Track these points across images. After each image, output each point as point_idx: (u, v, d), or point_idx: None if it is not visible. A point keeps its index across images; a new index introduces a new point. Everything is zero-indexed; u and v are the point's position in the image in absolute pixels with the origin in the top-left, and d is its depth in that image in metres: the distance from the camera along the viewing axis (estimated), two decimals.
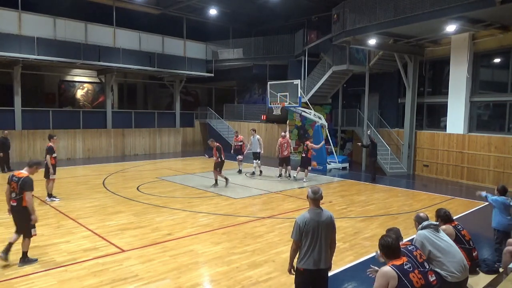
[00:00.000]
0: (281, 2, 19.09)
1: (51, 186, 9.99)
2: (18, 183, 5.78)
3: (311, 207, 4.11)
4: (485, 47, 13.81)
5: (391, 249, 3.73)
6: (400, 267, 3.60)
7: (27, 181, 5.81)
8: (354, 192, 12.01)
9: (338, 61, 17.49)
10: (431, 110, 16.60)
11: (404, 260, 3.73)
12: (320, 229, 4.00)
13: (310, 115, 17.32)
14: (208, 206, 9.80)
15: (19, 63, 16.74)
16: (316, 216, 4.02)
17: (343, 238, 7.45)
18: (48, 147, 9.88)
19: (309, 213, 4.05)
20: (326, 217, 4.07)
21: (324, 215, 4.08)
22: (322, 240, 4.01)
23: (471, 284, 4.82)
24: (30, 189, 5.78)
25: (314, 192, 4.10)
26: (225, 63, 22.91)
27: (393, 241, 3.76)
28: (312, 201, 4.11)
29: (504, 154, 12.94)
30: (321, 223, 4.01)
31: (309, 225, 3.98)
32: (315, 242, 3.99)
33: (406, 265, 3.65)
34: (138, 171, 15.45)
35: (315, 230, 3.99)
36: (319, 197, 4.08)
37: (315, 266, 4.00)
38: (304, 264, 4.02)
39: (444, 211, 5.40)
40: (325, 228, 4.04)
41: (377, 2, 13.03)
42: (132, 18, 20.41)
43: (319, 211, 4.07)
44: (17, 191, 5.80)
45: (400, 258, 3.72)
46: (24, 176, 5.86)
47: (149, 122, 22.36)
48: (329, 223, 4.08)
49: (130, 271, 5.70)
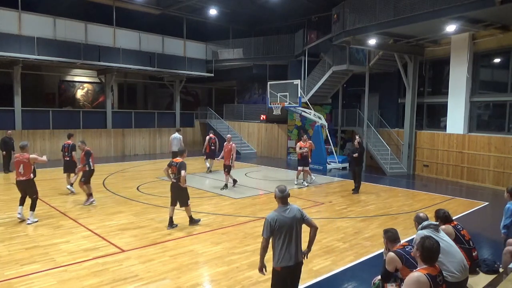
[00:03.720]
0: (281, 2, 19.08)
1: (74, 179, 11.02)
2: (177, 167, 7.73)
3: (279, 205, 4.18)
4: (485, 47, 13.80)
5: (433, 254, 3.38)
6: (434, 279, 3.23)
7: (182, 164, 7.76)
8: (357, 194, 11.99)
9: (338, 61, 17.49)
10: (431, 110, 16.60)
11: (438, 270, 3.40)
12: (292, 225, 4.09)
13: (310, 115, 17.33)
14: (208, 206, 9.80)
15: (19, 63, 16.74)
16: (285, 213, 4.11)
17: (343, 238, 7.46)
18: (72, 145, 10.97)
19: (278, 211, 4.13)
20: (295, 212, 4.14)
21: (292, 210, 4.15)
22: (294, 234, 4.10)
23: (471, 284, 4.82)
24: (184, 168, 7.74)
25: (281, 191, 4.17)
26: (225, 63, 22.90)
27: (437, 246, 3.41)
28: (280, 200, 4.18)
29: (504, 154, 12.93)
30: (292, 219, 4.10)
31: (279, 223, 4.05)
32: (289, 238, 4.07)
33: (438, 277, 3.31)
34: (138, 171, 15.45)
35: (286, 227, 4.07)
36: (286, 195, 4.17)
37: (292, 261, 4.08)
38: (281, 262, 4.07)
39: (443, 211, 5.39)
40: (296, 223, 4.11)
41: (377, 2, 13.03)
42: (132, 18, 20.40)
43: (287, 208, 4.14)
44: (175, 173, 7.77)
45: (435, 267, 3.38)
46: (179, 162, 7.82)
47: (149, 122, 22.36)
48: (298, 217, 4.14)
49: (130, 271, 5.70)
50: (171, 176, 7.94)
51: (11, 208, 9.06)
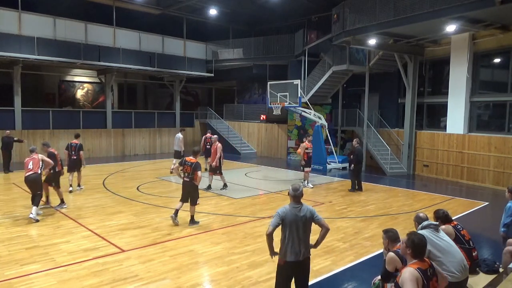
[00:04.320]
0: (281, 2, 19.08)
1: (79, 177, 11.46)
2: (191, 166, 7.88)
3: (291, 202, 4.24)
4: (485, 47, 13.80)
5: (423, 248, 3.58)
6: (425, 272, 3.43)
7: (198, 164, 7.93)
8: (354, 192, 12.00)
9: (338, 61, 17.48)
10: (431, 110, 16.60)
11: (429, 264, 3.57)
12: (299, 223, 4.13)
13: (310, 115, 17.32)
14: (208, 206, 9.80)
15: (19, 63, 16.74)
16: (295, 211, 4.15)
17: (343, 238, 7.46)
18: (79, 145, 11.33)
19: (290, 206, 4.20)
20: (305, 212, 4.17)
21: (304, 210, 4.18)
22: (301, 234, 4.14)
23: (471, 284, 4.82)
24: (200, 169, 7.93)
25: (294, 189, 4.23)
26: (225, 63, 22.90)
27: (425, 239, 3.63)
28: (292, 198, 4.24)
29: (504, 154, 12.93)
30: (300, 218, 4.13)
31: (288, 219, 4.12)
32: (296, 235, 4.13)
33: (429, 271, 3.49)
34: (138, 171, 15.45)
35: (294, 223, 4.13)
36: (299, 194, 4.21)
37: (296, 258, 4.15)
38: (285, 256, 4.17)
39: (443, 211, 5.39)
40: (304, 222, 4.15)
41: (377, 2, 13.03)
42: (132, 18, 20.41)
43: (299, 206, 4.19)
44: (189, 172, 7.89)
45: (425, 261, 3.56)
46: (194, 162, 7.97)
47: (149, 122, 22.36)
48: (308, 217, 4.17)
49: (130, 271, 5.70)
50: (183, 174, 8.02)
51: (11, 208, 9.07)
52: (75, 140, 11.48)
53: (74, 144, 11.30)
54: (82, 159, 11.35)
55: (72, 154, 11.21)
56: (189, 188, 8.00)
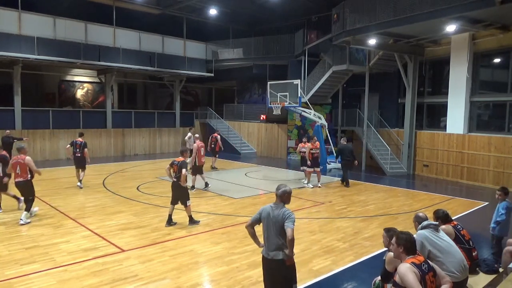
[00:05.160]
0: (281, 2, 19.07)
1: (83, 175, 11.76)
2: (178, 165, 7.85)
3: (275, 201, 4.26)
4: (485, 47, 13.80)
5: (413, 243, 3.66)
6: (419, 267, 3.50)
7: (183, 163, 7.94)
8: (354, 192, 12.00)
9: (338, 61, 17.49)
10: (431, 110, 16.60)
11: (422, 259, 3.64)
12: (269, 222, 4.16)
13: (310, 115, 17.33)
14: (208, 206, 9.80)
15: (19, 63, 16.73)
16: (271, 209, 4.17)
17: (343, 238, 7.46)
18: (84, 143, 11.61)
19: (271, 204, 4.24)
20: (279, 214, 4.07)
21: (279, 211, 4.09)
22: (271, 233, 4.14)
23: (471, 284, 4.82)
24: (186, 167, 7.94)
25: (277, 188, 4.27)
26: (225, 63, 22.89)
27: (411, 234, 3.73)
28: (276, 196, 4.26)
29: (504, 154, 12.93)
30: (271, 218, 4.13)
31: (263, 214, 4.21)
32: (268, 233, 4.18)
33: (423, 266, 3.55)
34: (138, 171, 15.45)
35: (265, 221, 4.20)
36: (280, 193, 4.19)
37: (265, 254, 4.23)
38: (262, 250, 4.32)
39: (443, 211, 5.39)
40: (274, 223, 4.11)
41: (377, 2, 13.02)
42: (132, 18, 20.39)
43: (276, 206, 4.17)
44: (176, 171, 7.87)
45: (418, 256, 3.65)
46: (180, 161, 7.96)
47: (149, 122, 22.36)
48: (279, 220, 4.04)
49: (130, 271, 5.70)
50: (172, 175, 7.99)
51: (11, 208, 9.06)
52: (79, 138, 11.78)
53: (79, 142, 11.60)
54: (87, 156, 11.64)
55: (76, 152, 11.56)
56: (176, 189, 7.97)
